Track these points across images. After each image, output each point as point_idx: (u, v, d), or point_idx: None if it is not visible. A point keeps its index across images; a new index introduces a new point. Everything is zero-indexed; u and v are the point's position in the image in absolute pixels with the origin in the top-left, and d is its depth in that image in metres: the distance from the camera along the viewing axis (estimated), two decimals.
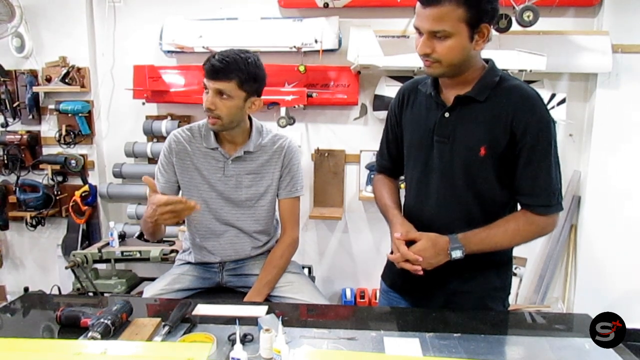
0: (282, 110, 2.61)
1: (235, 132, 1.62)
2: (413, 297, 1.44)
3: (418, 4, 1.17)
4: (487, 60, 1.30)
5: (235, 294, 1.74)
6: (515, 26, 2.31)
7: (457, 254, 1.24)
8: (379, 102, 2.70)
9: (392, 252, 1.32)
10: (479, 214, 1.29)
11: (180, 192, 1.70)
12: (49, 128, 2.96)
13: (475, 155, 1.24)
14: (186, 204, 1.36)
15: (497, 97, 1.23)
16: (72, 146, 2.93)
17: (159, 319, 1.27)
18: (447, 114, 1.28)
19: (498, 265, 1.37)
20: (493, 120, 1.22)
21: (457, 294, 1.37)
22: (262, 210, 1.70)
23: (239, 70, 1.48)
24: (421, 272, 1.25)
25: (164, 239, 2.29)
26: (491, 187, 1.27)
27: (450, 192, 1.30)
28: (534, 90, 1.25)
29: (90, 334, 1.16)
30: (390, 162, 1.51)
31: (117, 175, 2.90)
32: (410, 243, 1.27)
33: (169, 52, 2.80)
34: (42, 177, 2.96)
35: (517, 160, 1.23)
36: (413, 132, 1.37)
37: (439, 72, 1.23)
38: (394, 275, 1.49)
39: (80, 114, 2.83)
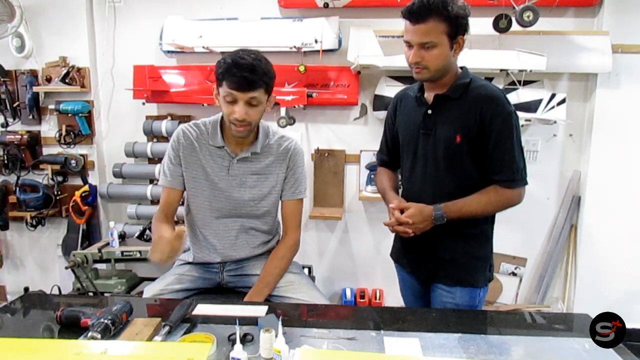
0: (282, 110, 2.61)
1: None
2: (410, 267, 1.71)
3: (407, 22, 1.44)
4: (462, 68, 1.56)
5: (235, 294, 1.74)
6: (515, 26, 2.31)
7: (439, 220, 1.48)
8: (379, 102, 2.70)
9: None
10: (456, 190, 1.52)
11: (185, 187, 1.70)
12: (49, 128, 2.96)
13: (453, 142, 1.49)
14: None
15: (468, 95, 1.49)
16: (72, 146, 2.93)
17: (159, 319, 1.27)
18: (429, 111, 1.55)
19: (478, 237, 1.60)
20: (465, 113, 1.48)
21: (444, 262, 1.58)
22: (265, 210, 1.70)
23: (265, 76, 1.48)
24: (411, 234, 1.50)
25: None
26: (467, 168, 1.52)
27: (433, 173, 1.55)
28: (498, 89, 1.52)
29: (90, 334, 1.16)
30: (388, 156, 1.79)
31: (117, 175, 2.90)
32: (403, 214, 1.52)
33: (169, 52, 2.80)
34: (42, 177, 2.96)
35: (487, 144, 1.47)
36: (404, 129, 1.65)
37: (426, 76, 1.49)
38: (396, 249, 1.79)
39: (80, 114, 2.83)
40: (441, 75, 1.49)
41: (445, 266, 1.58)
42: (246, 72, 1.44)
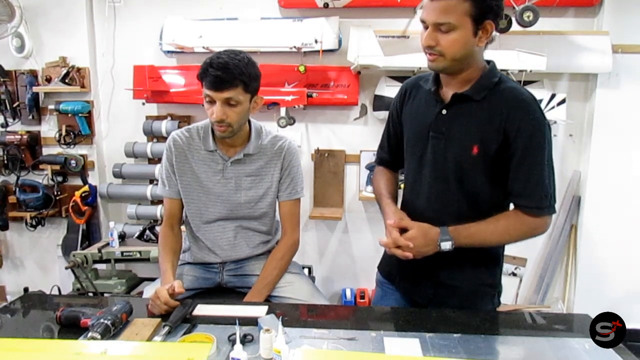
0: (282, 111, 2.61)
1: (235, 135, 1.61)
2: (404, 288, 1.48)
3: None
4: (488, 62, 1.32)
5: (235, 294, 1.74)
6: (515, 26, 2.31)
7: (446, 246, 1.26)
8: (379, 102, 2.70)
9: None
10: (468, 211, 1.31)
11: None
12: (49, 128, 2.96)
13: (468, 153, 1.26)
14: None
15: (493, 97, 1.25)
16: (72, 146, 2.92)
17: (159, 319, 1.27)
18: (444, 111, 1.30)
19: (488, 261, 1.40)
20: (487, 120, 1.24)
21: (445, 286, 1.39)
22: (262, 212, 1.70)
23: (242, 74, 1.45)
24: (410, 257, 1.27)
25: None
26: (482, 186, 1.30)
27: (441, 187, 1.33)
28: (530, 94, 1.27)
29: (90, 334, 1.16)
30: (389, 155, 1.55)
31: (117, 175, 2.90)
32: (403, 232, 1.30)
33: (169, 52, 2.80)
34: (42, 177, 2.96)
35: (510, 161, 1.24)
36: (411, 127, 1.40)
37: (442, 66, 1.24)
38: (388, 265, 1.55)
39: (80, 114, 2.83)
40: (461, 68, 1.25)
41: (448, 293, 1.39)
42: (220, 71, 1.42)
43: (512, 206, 1.35)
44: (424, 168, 1.35)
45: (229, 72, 1.43)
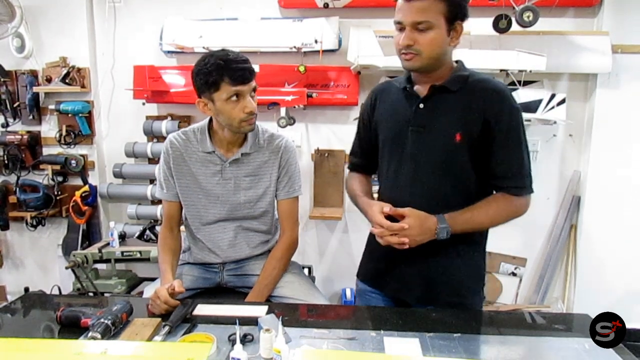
0: (282, 111, 2.61)
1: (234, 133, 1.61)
2: (393, 289, 1.47)
3: (400, 0, 1.27)
4: (457, 61, 1.40)
5: (235, 294, 1.74)
6: (515, 26, 2.31)
7: (443, 234, 1.29)
8: None
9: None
10: (455, 198, 1.35)
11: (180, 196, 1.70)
12: (49, 128, 2.97)
13: (452, 141, 1.31)
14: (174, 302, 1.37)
15: (468, 88, 1.32)
16: (72, 146, 2.93)
17: (159, 319, 1.27)
18: (421, 105, 1.36)
19: (473, 252, 1.43)
20: (466, 109, 1.31)
21: (436, 282, 1.41)
22: (262, 211, 1.70)
23: (251, 64, 1.50)
24: (406, 246, 1.28)
25: None
26: (466, 173, 1.35)
27: (427, 178, 1.36)
28: (502, 84, 1.37)
29: (90, 334, 1.16)
30: (362, 159, 1.59)
31: (117, 175, 2.90)
32: (393, 222, 1.31)
33: (169, 52, 2.80)
34: (43, 177, 2.96)
35: (492, 146, 1.30)
36: (388, 127, 1.44)
37: (418, 65, 1.30)
38: (373, 270, 1.53)
39: (80, 114, 2.83)
40: (434, 67, 1.31)
41: (438, 288, 1.41)
42: (241, 63, 1.46)
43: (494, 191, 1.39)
44: (405, 163, 1.38)
45: (248, 62, 1.48)
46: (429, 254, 1.34)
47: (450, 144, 1.31)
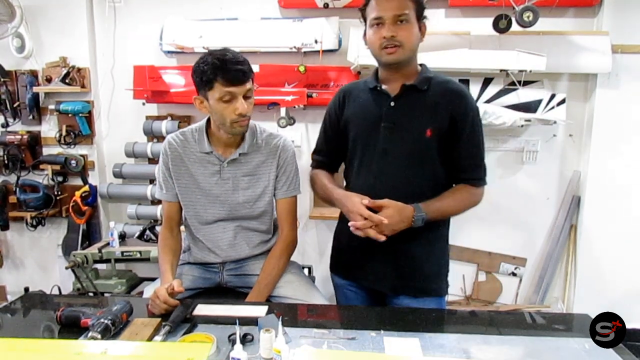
0: (282, 111, 2.61)
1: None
2: (368, 280, 1.55)
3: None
4: (421, 65, 1.51)
5: (235, 294, 1.74)
6: (515, 26, 2.31)
7: (419, 222, 1.37)
8: None
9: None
10: (427, 190, 1.45)
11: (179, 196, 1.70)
12: (49, 128, 2.96)
13: (423, 136, 1.41)
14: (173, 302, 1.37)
15: (435, 88, 1.44)
16: (72, 146, 2.93)
17: (159, 319, 1.27)
18: (392, 103, 1.45)
19: (437, 241, 1.53)
20: (435, 106, 1.42)
21: (407, 271, 1.49)
22: (261, 211, 1.70)
23: (249, 66, 1.49)
24: (384, 238, 1.34)
25: None
26: (434, 165, 1.45)
27: (400, 172, 1.45)
28: (462, 85, 1.50)
29: (90, 334, 1.17)
30: (328, 157, 1.67)
31: (117, 175, 2.90)
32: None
33: (169, 52, 2.80)
34: (43, 177, 2.96)
35: (458, 142, 1.43)
36: (359, 124, 1.51)
37: (401, 57, 1.39)
38: (344, 261, 1.63)
39: (80, 114, 2.83)
40: (410, 61, 1.43)
41: (410, 275, 1.49)
42: (237, 64, 1.44)
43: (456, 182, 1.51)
44: (377, 158, 1.46)
45: (244, 64, 1.46)
46: (399, 243, 1.41)
47: (422, 139, 1.42)
